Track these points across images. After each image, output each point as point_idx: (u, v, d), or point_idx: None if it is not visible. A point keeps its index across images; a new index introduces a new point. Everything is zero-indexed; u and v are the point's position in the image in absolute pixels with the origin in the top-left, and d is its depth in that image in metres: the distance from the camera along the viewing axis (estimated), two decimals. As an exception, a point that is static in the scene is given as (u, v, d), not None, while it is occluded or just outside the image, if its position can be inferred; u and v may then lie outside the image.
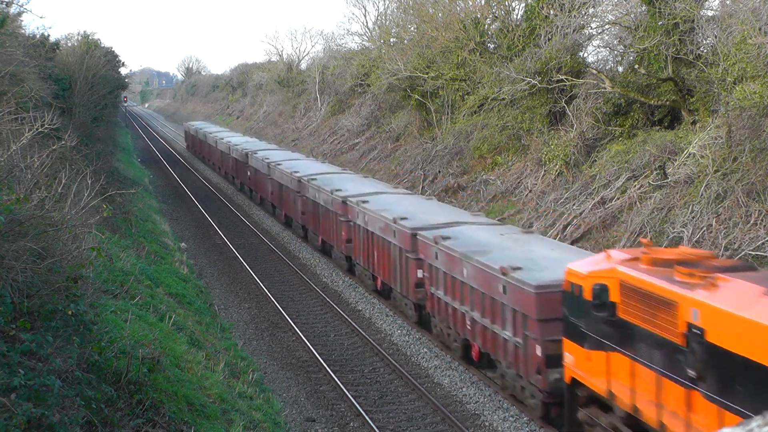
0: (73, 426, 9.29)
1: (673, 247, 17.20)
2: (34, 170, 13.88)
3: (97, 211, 16.28)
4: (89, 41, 50.04)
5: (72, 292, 11.53)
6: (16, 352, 9.53)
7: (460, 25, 40.81)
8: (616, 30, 32.12)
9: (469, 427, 17.92)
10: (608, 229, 26.41)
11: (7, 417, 8.45)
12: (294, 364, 22.31)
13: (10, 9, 31.09)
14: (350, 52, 64.42)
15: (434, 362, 21.87)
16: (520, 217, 31.21)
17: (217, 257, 35.01)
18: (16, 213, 10.88)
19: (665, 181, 25.80)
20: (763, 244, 20.82)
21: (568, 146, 31.01)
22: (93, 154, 33.44)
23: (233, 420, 14.93)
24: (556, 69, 32.02)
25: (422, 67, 43.12)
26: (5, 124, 16.04)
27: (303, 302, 27.99)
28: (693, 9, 27.07)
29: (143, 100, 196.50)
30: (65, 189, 14.30)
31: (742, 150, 23.06)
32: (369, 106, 57.03)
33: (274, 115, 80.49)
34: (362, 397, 19.65)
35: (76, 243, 12.67)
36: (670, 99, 29.23)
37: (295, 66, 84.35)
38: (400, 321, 25.44)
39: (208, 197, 51.41)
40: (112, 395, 11.17)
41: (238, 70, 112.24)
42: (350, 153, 54.16)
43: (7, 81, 24.37)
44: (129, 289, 18.99)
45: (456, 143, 40.06)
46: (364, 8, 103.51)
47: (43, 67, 33.35)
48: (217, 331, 22.75)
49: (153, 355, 13.11)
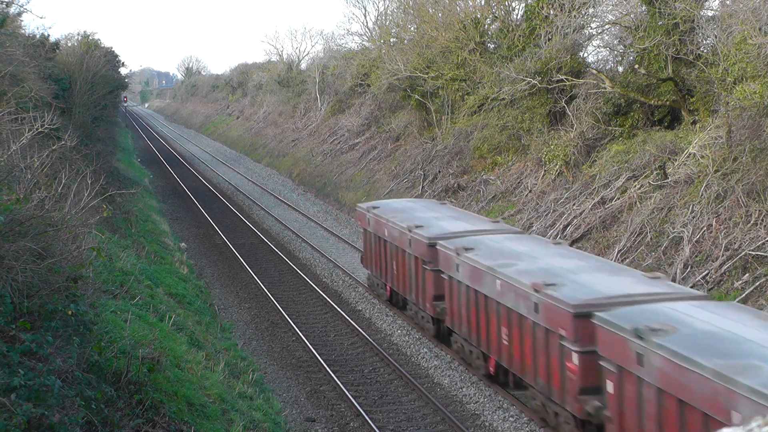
0: (73, 426, 9.28)
1: None
2: (34, 170, 13.88)
3: (97, 211, 16.28)
4: (89, 41, 50.03)
5: (72, 292, 11.52)
6: (16, 352, 9.52)
7: (460, 25, 40.79)
8: (616, 30, 32.10)
9: (469, 427, 17.91)
10: (608, 229, 26.40)
11: (7, 417, 8.44)
12: (294, 364, 22.30)
13: (10, 9, 31.09)
14: (350, 52, 64.37)
15: (434, 362, 21.87)
16: (520, 217, 31.21)
17: (217, 257, 35.00)
18: (16, 213, 10.87)
19: (665, 181, 25.79)
20: (763, 244, 20.81)
21: (568, 146, 31.00)
22: (93, 154, 33.45)
23: (233, 420, 14.93)
24: (556, 69, 32.00)
25: (422, 67, 43.10)
26: (5, 124, 16.03)
27: (303, 302, 27.98)
28: (693, 9, 27.05)
29: (143, 100, 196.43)
30: (65, 189, 14.30)
31: (742, 150, 23.05)
32: (369, 106, 57.01)
33: (274, 115, 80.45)
34: (362, 397, 19.65)
35: (76, 243, 12.66)
36: (670, 99, 29.22)
37: (295, 66, 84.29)
38: (400, 321, 25.44)
39: (208, 197, 51.41)
40: (112, 395, 11.16)
41: (238, 70, 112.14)
42: (350, 153, 54.15)
43: (7, 81, 24.36)
44: (129, 289, 18.98)
45: (456, 143, 40.06)
46: (364, 8, 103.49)
47: (43, 67, 33.35)
48: (217, 331, 22.75)
49: (153, 355, 13.10)
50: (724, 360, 11.40)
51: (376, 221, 26.59)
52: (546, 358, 16.35)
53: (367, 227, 27.69)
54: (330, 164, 54.65)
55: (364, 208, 28.37)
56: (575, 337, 15.17)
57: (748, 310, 13.95)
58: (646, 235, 24.41)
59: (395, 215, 25.57)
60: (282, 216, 43.75)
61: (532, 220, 30.31)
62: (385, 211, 26.54)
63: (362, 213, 28.31)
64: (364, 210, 28.15)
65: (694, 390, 11.55)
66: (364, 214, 28.03)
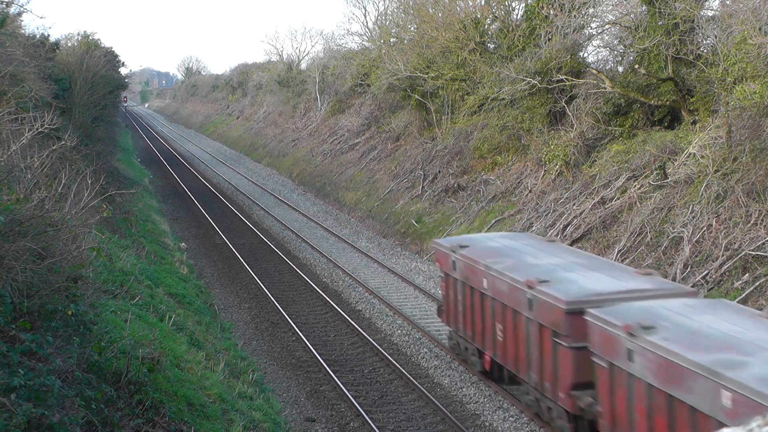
0: (73, 426, 9.28)
1: None
2: (34, 170, 13.88)
3: (97, 211, 16.28)
4: (89, 41, 50.04)
5: (72, 292, 11.52)
6: (16, 352, 9.52)
7: (460, 25, 40.79)
8: (616, 30, 32.10)
9: (469, 427, 17.92)
10: (608, 229, 26.41)
11: (7, 417, 8.44)
12: (294, 364, 22.30)
13: (10, 9, 31.09)
14: (350, 52, 64.36)
15: (434, 362, 21.87)
16: (520, 217, 31.23)
17: (217, 257, 35.00)
18: (16, 213, 10.87)
19: (665, 181, 25.79)
20: (763, 244, 20.81)
21: (568, 146, 31.00)
22: (93, 154, 33.46)
23: (233, 420, 14.93)
24: (556, 69, 32.01)
25: (422, 67, 43.11)
26: (5, 124, 16.03)
27: (303, 302, 27.98)
28: (693, 9, 27.05)
29: (143, 100, 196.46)
30: (65, 189, 14.30)
31: (742, 150, 23.06)
32: (369, 106, 57.01)
33: (274, 115, 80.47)
34: (362, 397, 19.65)
35: (76, 243, 12.66)
36: (670, 99, 29.23)
37: (295, 66, 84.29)
38: (399, 321, 25.44)
39: (208, 197, 51.41)
40: (112, 395, 11.16)
41: (238, 70, 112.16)
42: (350, 153, 54.16)
43: (7, 81, 24.37)
44: (129, 289, 18.98)
45: (456, 143, 40.06)
46: (364, 8, 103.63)
47: (43, 67, 33.36)
48: (217, 331, 22.75)
49: (153, 355, 13.11)
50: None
51: (468, 266, 20.04)
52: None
53: (451, 272, 20.99)
54: (330, 164, 54.67)
55: (446, 246, 21.52)
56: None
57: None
58: (646, 235, 24.42)
59: (498, 260, 19.03)
60: (282, 216, 43.75)
61: (532, 220, 30.32)
62: (480, 253, 19.95)
63: (444, 253, 21.49)
64: (446, 249, 21.37)
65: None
66: (447, 255, 21.26)
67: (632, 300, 15.14)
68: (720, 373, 11.26)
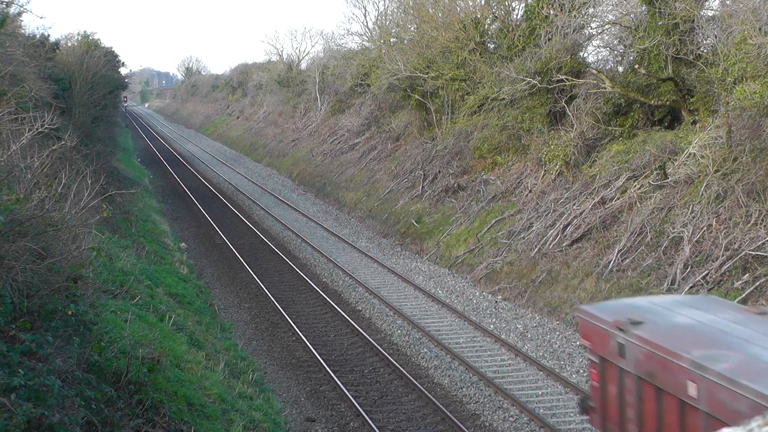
0: (73, 426, 9.28)
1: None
2: (34, 170, 13.88)
3: (97, 211, 16.28)
4: (89, 41, 50.05)
5: (72, 292, 11.52)
6: (16, 352, 9.52)
7: (460, 25, 40.79)
8: (616, 30, 32.10)
9: (469, 427, 17.91)
10: (608, 229, 26.41)
11: (7, 417, 8.44)
12: (294, 364, 22.30)
13: (10, 9, 31.09)
14: (350, 52, 64.38)
15: (434, 362, 21.86)
16: (520, 217, 31.22)
17: (217, 257, 34.99)
18: (16, 213, 10.87)
19: (665, 181, 25.79)
20: (763, 244, 20.81)
21: (568, 146, 31.00)
22: (93, 154, 33.46)
23: (233, 420, 14.93)
24: (556, 69, 32.01)
25: (422, 67, 43.11)
26: (5, 124, 16.03)
27: (303, 302, 27.98)
28: (693, 9, 27.06)
29: (143, 100, 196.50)
30: (65, 189, 14.30)
31: (742, 150, 23.06)
32: (369, 106, 57.02)
33: (274, 115, 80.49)
34: (362, 397, 19.65)
35: (76, 243, 12.66)
36: (670, 99, 29.23)
37: (295, 66, 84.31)
38: (400, 321, 25.44)
39: (208, 197, 51.41)
40: (112, 395, 11.16)
41: (238, 70, 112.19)
42: (350, 153, 54.17)
43: (7, 81, 24.37)
44: (129, 289, 18.98)
45: (456, 143, 40.06)
46: (364, 8, 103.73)
47: (43, 67, 33.37)
48: (217, 331, 22.75)
49: (153, 355, 13.10)
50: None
51: (653, 357, 12.23)
52: None
53: (615, 359, 13.19)
54: (330, 164, 54.67)
55: (608, 321, 13.25)
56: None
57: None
58: (646, 235, 24.41)
59: (712, 353, 11.36)
60: (282, 216, 43.75)
61: (532, 220, 30.31)
62: (673, 337, 12.17)
63: (600, 329, 13.47)
64: (608, 326, 13.22)
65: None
66: (606, 334, 13.32)
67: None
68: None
